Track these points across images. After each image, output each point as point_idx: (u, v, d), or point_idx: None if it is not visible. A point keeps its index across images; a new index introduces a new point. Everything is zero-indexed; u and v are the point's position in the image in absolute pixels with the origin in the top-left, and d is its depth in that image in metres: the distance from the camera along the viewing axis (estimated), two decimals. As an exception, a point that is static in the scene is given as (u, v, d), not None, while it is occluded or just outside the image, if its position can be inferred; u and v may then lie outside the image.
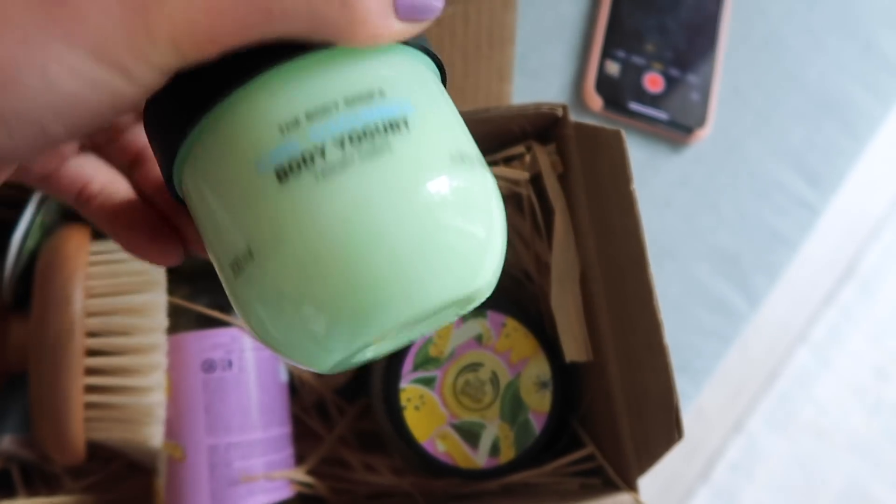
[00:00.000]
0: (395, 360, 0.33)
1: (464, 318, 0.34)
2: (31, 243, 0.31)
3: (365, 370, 0.39)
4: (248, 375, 0.33)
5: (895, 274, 1.01)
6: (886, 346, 0.99)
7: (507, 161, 0.37)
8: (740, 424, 0.95)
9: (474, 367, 0.34)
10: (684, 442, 0.94)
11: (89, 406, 0.29)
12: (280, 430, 0.34)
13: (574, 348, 0.34)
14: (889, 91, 0.53)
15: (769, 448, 0.95)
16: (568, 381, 0.36)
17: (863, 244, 1.00)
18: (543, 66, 0.48)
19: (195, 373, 0.32)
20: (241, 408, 0.33)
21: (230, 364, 0.32)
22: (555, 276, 0.34)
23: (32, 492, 0.34)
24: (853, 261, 1.00)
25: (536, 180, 0.36)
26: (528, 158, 0.36)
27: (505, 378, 0.34)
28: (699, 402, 0.94)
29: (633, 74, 0.48)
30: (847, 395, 0.97)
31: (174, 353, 0.32)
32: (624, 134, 0.31)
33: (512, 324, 0.34)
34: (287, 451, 0.35)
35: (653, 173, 0.48)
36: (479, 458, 0.34)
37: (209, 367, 0.32)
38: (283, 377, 0.36)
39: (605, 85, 0.47)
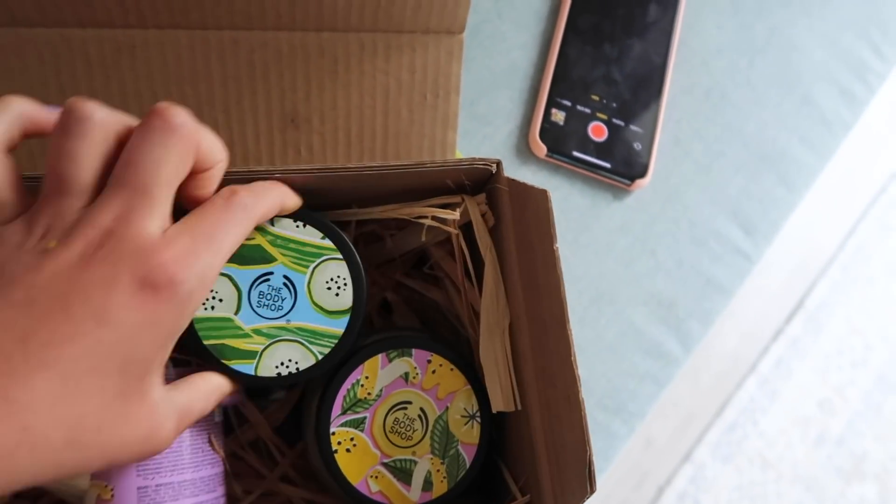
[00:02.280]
0: (324, 404, 0.34)
1: (390, 358, 0.35)
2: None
3: (301, 409, 0.40)
4: None
5: (841, 310, 1.04)
6: (831, 380, 1.02)
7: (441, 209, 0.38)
8: (689, 454, 0.97)
9: (403, 405, 0.35)
10: (634, 470, 0.96)
11: None
12: (211, 470, 0.35)
13: (501, 399, 0.35)
14: (825, 145, 0.55)
15: (716, 478, 0.97)
16: (496, 419, 0.37)
17: (811, 281, 1.04)
18: (492, 112, 0.49)
19: None
20: (172, 449, 0.33)
21: None
22: (483, 327, 0.35)
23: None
24: (802, 296, 1.03)
25: (470, 231, 0.37)
26: (459, 210, 0.37)
27: (433, 413, 0.35)
28: (649, 431, 0.96)
29: (577, 123, 0.49)
30: (792, 427, 1.00)
31: None
32: (550, 194, 0.32)
33: (437, 360, 0.35)
34: (218, 492, 0.35)
35: (594, 219, 0.50)
36: (413, 495, 0.35)
37: None
38: (218, 417, 0.36)
39: (550, 133, 0.49)
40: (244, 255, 0.32)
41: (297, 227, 0.33)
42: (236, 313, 0.32)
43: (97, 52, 0.37)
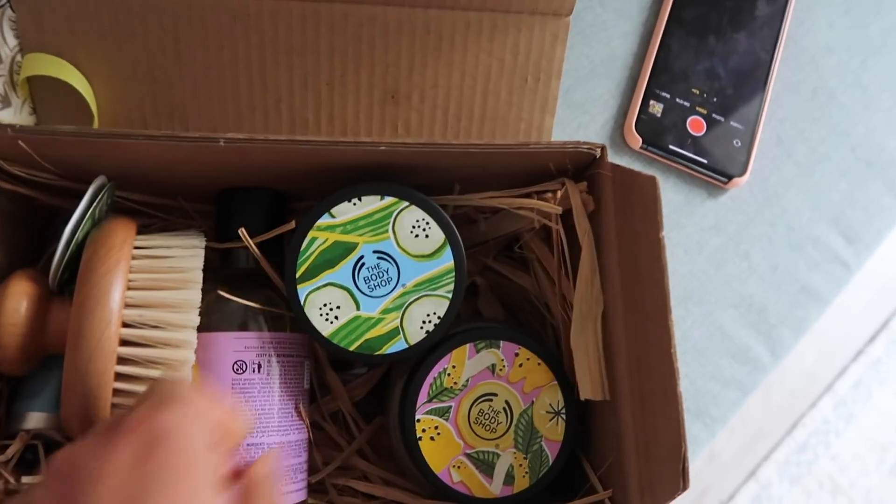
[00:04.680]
0: (411, 391, 0.34)
1: (477, 349, 0.34)
2: (80, 234, 0.32)
3: (383, 387, 0.40)
4: (274, 380, 0.34)
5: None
6: (914, 408, 0.97)
7: (540, 195, 0.37)
8: (755, 471, 0.93)
9: (488, 396, 0.35)
10: (696, 483, 0.93)
11: (117, 393, 0.30)
12: (298, 435, 0.35)
13: (590, 387, 0.34)
14: (938, 154, 0.52)
15: (782, 498, 0.93)
16: (580, 411, 0.36)
17: (899, 302, 0.98)
18: (589, 101, 0.48)
19: (226, 372, 0.33)
20: (264, 410, 0.34)
21: (259, 367, 0.33)
22: (576, 314, 0.34)
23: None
24: (888, 318, 0.98)
25: (567, 217, 0.36)
26: (559, 194, 0.36)
27: (518, 407, 0.35)
28: (713, 444, 0.93)
29: (676, 116, 0.48)
30: (868, 453, 0.95)
31: (207, 350, 0.33)
32: (659, 181, 0.31)
33: (525, 353, 0.35)
34: (303, 457, 0.36)
35: (687, 216, 0.48)
36: (494, 488, 0.34)
37: (240, 367, 0.33)
38: (307, 384, 0.37)
39: (647, 124, 0.47)
40: (329, 258, 0.33)
41: (355, 203, 0.33)
42: (358, 309, 0.33)
43: (213, 19, 0.38)
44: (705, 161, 0.47)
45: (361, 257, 0.33)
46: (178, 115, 0.40)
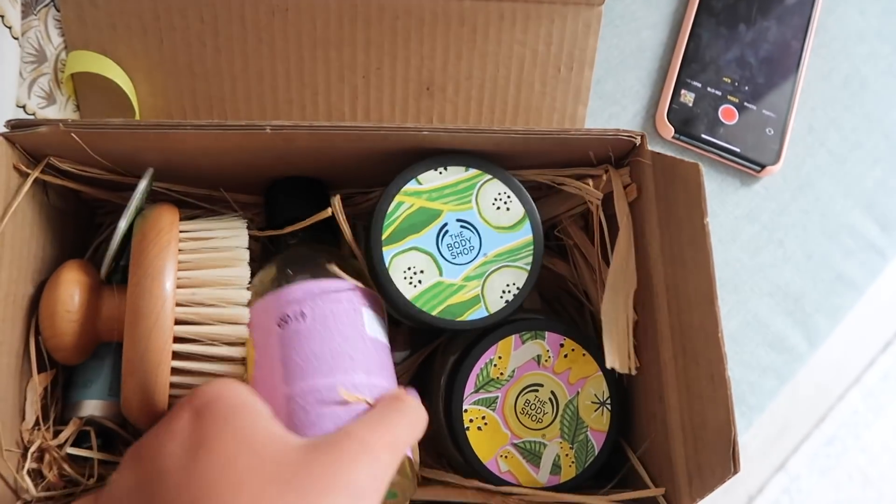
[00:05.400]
0: (457, 382, 0.34)
1: (523, 340, 0.34)
2: (124, 224, 0.33)
3: (424, 376, 0.40)
4: (321, 323, 0.32)
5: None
6: (944, 400, 0.96)
7: (581, 179, 0.37)
8: (783, 464, 0.92)
9: (534, 387, 0.35)
10: (722, 476, 0.93)
11: (174, 371, 0.30)
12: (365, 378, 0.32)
13: (617, 357, 0.34)
14: (972, 140, 0.52)
15: (811, 491, 0.93)
16: (625, 401, 0.36)
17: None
18: (619, 91, 0.48)
19: (272, 330, 0.32)
20: (314, 354, 0.31)
21: (303, 315, 0.32)
22: (609, 286, 0.34)
23: (108, 454, 0.36)
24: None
25: (605, 205, 0.36)
26: (601, 180, 0.36)
27: (564, 397, 0.35)
28: (741, 436, 0.93)
29: (707, 105, 0.48)
30: (898, 445, 0.94)
31: (255, 319, 0.32)
32: (702, 168, 0.31)
33: (570, 344, 0.35)
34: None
35: (720, 205, 0.48)
36: (541, 477, 0.34)
37: (283, 321, 0.32)
38: (371, 332, 0.33)
39: (678, 113, 0.47)
40: (414, 223, 0.33)
41: (441, 173, 0.33)
42: (441, 275, 0.33)
43: (252, 14, 0.38)
44: (738, 149, 0.47)
45: (445, 224, 0.33)
46: (217, 108, 0.40)
